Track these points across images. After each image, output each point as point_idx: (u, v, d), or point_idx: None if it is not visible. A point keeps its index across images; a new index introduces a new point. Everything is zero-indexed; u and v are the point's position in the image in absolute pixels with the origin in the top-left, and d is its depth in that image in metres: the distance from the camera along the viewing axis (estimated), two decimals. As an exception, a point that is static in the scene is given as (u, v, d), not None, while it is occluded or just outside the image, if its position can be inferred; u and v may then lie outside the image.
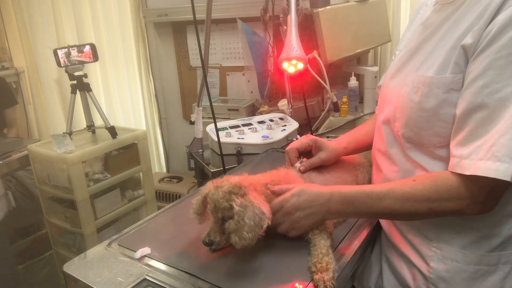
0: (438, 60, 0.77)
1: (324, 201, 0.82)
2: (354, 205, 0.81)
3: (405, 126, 0.82)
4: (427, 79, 0.77)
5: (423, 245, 0.85)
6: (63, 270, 0.83)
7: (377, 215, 0.83)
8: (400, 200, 0.77)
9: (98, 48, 2.06)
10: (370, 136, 1.10)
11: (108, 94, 2.80)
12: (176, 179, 2.82)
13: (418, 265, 0.86)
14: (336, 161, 1.07)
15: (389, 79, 0.92)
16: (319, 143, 1.04)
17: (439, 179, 0.75)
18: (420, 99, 0.78)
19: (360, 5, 1.93)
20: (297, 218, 0.82)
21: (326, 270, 0.74)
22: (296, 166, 1.01)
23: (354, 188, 0.84)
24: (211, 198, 0.79)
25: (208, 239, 0.80)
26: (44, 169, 1.94)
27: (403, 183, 0.79)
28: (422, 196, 0.75)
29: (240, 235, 0.75)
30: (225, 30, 2.53)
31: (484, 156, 0.67)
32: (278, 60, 1.38)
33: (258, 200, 0.79)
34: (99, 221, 1.98)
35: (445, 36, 0.77)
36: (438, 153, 0.79)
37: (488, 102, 0.68)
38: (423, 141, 0.80)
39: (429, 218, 0.81)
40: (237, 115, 2.29)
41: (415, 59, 0.84)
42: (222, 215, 0.79)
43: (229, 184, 0.79)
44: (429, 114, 0.77)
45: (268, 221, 0.77)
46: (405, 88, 0.82)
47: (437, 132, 0.77)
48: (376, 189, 0.81)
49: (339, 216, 0.87)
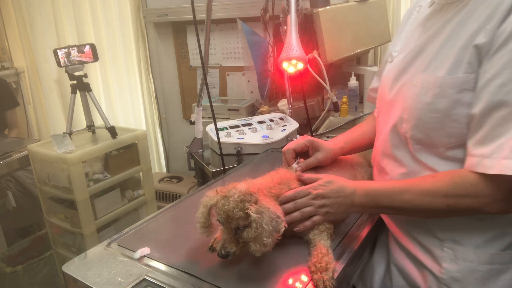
0: (448, 60, 0.76)
1: (349, 193, 0.85)
2: (376, 199, 0.83)
3: (414, 127, 0.81)
4: (438, 79, 0.76)
5: (435, 246, 0.85)
6: (62, 270, 0.83)
7: (398, 210, 0.83)
8: (420, 195, 0.78)
9: (98, 48, 2.06)
10: (366, 136, 1.10)
11: (108, 94, 2.80)
12: (176, 179, 2.82)
13: (429, 266, 0.86)
14: (334, 161, 1.07)
15: (391, 81, 0.91)
16: (315, 143, 1.04)
17: (457, 176, 0.75)
18: (432, 100, 0.77)
19: (360, 5, 1.93)
20: (323, 204, 0.85)
21: (326, 270, 0.74)
22: (293, 167, 1.01)
23: (376, 183, 0.87)
24: (221, 209, 0.76)
25: (225, 251, 0.76)
26: (44, 169, 1.94)
27: (423, 179, 0.80)
28: (440, 192, 0.76)
29: (260, 242, 0.74)
30: (225, 30, 2.53)
31: (508, 154, 0.67)
32: (278, 60, 1.38)
33: (271, 204, 0.78)
34: (99, 221, 1.98)
35: (452, 36, 0.77)
36: (449, 154, 0.79)
37: (507, 100, 0.68)
38: (433, 142, 0.80)
39: (448, 216, 0.81)
40: (237, 115, 2.29)
41: (420, 59, 0.83)
42: (236, 224, 0.76)
43: (239, 192, 0.76)
44: (441, 115, 0.77)
45: (284, 224, 0.77)
46: (413, 89, 0.81)
47: (449, 132, 0.77)
48: (397, 184, 0.83)
49: (361, 210, 0.88)
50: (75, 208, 1.88)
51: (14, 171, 2.25)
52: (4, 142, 2.50)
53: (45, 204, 2.06)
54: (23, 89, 2.84)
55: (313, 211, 0.85)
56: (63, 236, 2.07)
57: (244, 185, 0.79)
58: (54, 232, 2.10)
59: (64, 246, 2.08)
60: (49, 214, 2.06)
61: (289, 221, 0.85)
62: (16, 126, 2.78)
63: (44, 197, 2.05)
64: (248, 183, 0.82)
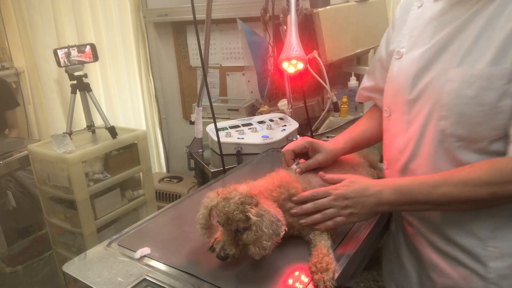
0: (488, 52, 0.75)
1: (374, 192, 0.83)
2: (408, 194, 0.81)
3: (455, 124, 0.79)
4: (484, 71, 0.75)
5: (476, 246, 0.83)
6: (63, 270, 0.83)
7: (433, 205, 0.80)
8: (459, 186, 0.76)
9: (98, 48, 2.06)
10: (366, 135, 1.09)
11: (108, 94, 2.79)
12: (176, 179, 2.82)
13: (473, 267, 0.84)
14: (335, 161, 1.06)
15: (411, 79, 0.87)
16: (315, 145, 1.02)
17: (497, 163, 0.75)
18: (476, 93, 0.76)
19: (360, 5, 1.93)
20: (345, 205, 0.83)
21: (326, 270, 0.74)
22: (293, 168, 1.00)
23: (406, 179, 0.85)
24: (221, 211, 0.76)
25: (224, 253, 0.76)
26: (44, 169, 1.94)
27: (460, 170, 0.78)
28: (481, 180, 0.74)
29: (259, 245, 0.74)
30: (225, 30, 2.53)
31: None
32: (278, 60, 1.38)
33: (272, 207, 0.78)
34: (99, 221, 1.98)
35: (486, 28, 0.76)
36: (491, 147, 0.78)
37: None
38: (477, 136, 0.78)
39: (491, 205, 0.79)
40: (237, 115, 2.29)
41: (447, 54, 0.81)
42: (236, 227, 0.76)
43: (240, 194, 0.76)
44: (487, 108, 0.75)
45: (284, 227, 0.77)
46: (451, 84, 0.79)
47: (495, 125, 0.76)
48: (431, 177, 0.80)
49: (389, 208, 0.85)
50: (75, 208, 1.88)
51: (14, 171, 2.25)
52: (4, 142, 2.50)
53: (45, 204, 2.06)
54: (23, 89, 2.84)
55: (335, 213, 0.84)
56: (63, 236, 2.07)
57: (245, 187, 0.79)
58: (54, 232, 2.10)
59: (64, 246, 2.08)
60: (49, 214, 2.06)
61: (310, 223, 0.85)
62: (16, 126, 2.78)
63: (44, 197, 2.05)
64: (249, 185, 0.81)
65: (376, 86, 1.09)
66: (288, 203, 0.87)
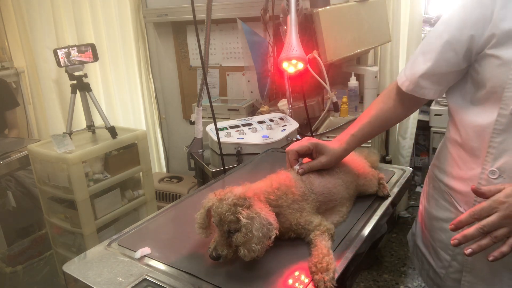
0: None
1: None
2: None
3: None
4: None
5: None
6: (63, 270, 0.83)
7: None
8: None
9: (98, 48, 2.06)
10: (368, 131, 1.05)
11: (108, 94, 2.79)
12: (176, 179, 2.82)
13: None
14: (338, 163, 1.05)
15: None
16: (319, 147, 1.00)
17: None
18: None
19: (360, 5, 1.93)
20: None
21: (327, 270, 0.74)
22: (295, 169, 1.00)
23: None
24: (215, 211, 0.77)
25: (215, 253, 0.77)
26: (44, 169, 1.94)
27: None
28: None
29: (249, 247, 0.74)
30: (225, 30, 2.53)
31: None
32: (278, 60, 1.38)
33: (264, 211, 0.78)
34: (99, 221, 1.98)
35: None
36: None
37: None
38: None
39: None
40: (237, 115, 2.29)
41: None
42: (228, 228, 0.76)
43: (233, 196, 0.77)
44: None
45: (276, 231, 0.76)
46: None
47: None
48: None
49: None
50: (75, 208, 1.88)
51: (14, 171, 2.25)
52: (4, 142, 2.50)
53: (45, 204, 2.06)
54: (23, 89, 2.84)
55: (507, 232, 0.69)
56: (63, 236, 2.07)
57: (241, 189, 0.80)
58: (54, 232, 2.10)
59: (64, 246, 2.08)
60: (49, 214, 2.06)
61: (478, 251, 0.72)
62: (16, 126, 2.78)
63: (44, 197, 2.05)
64: (246, 187, 0.82)
65: (433, 71, 0.91)
66: (287, 210, 0.85)
